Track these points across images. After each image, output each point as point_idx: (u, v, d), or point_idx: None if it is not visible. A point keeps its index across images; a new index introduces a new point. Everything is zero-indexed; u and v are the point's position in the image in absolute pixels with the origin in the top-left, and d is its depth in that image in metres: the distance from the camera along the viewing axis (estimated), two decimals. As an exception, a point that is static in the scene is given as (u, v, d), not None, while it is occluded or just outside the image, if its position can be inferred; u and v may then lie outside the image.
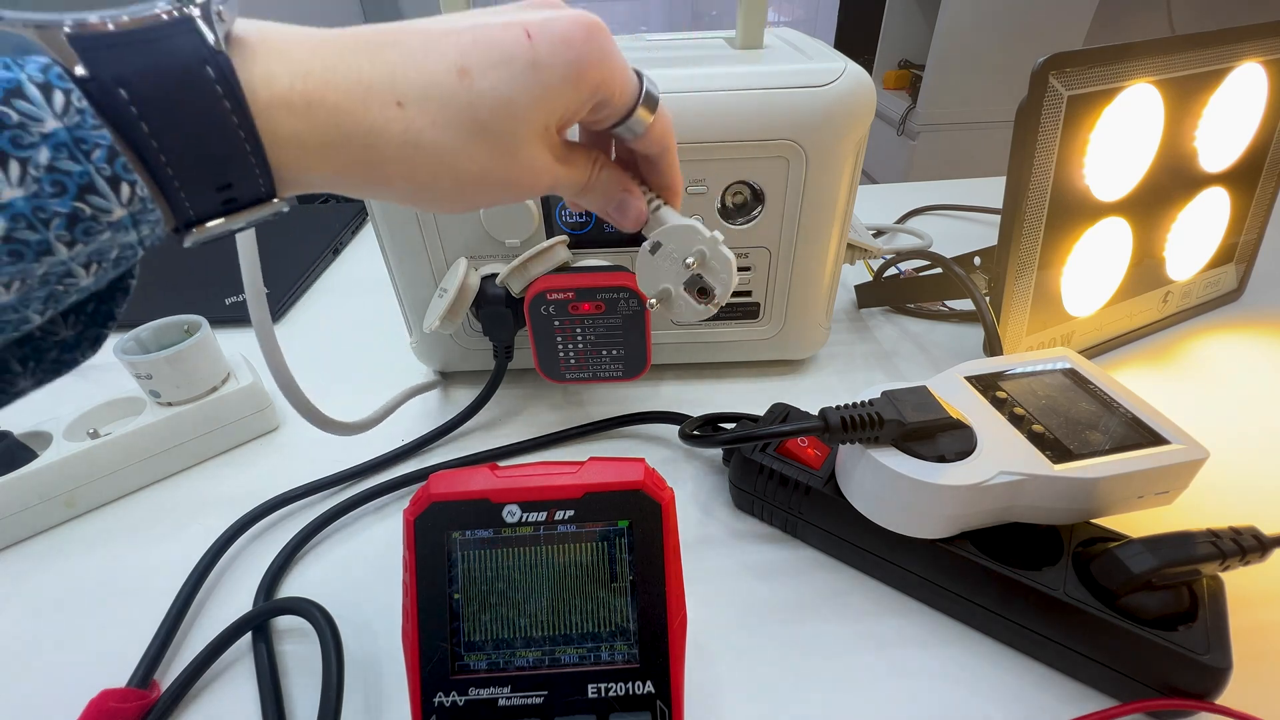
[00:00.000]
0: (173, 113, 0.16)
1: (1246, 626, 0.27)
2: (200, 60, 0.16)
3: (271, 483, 0.40)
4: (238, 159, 0.17)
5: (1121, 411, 0.32)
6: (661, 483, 0.25)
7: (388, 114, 0.19)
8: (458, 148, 0.21)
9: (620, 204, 0.27)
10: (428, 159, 0.20)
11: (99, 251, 0.16)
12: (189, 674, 0.29)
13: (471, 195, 0.22)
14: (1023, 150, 0.38)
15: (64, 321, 0.19)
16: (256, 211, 0.18)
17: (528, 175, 0.23)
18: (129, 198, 0.15)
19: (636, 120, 0.24)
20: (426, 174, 0.21)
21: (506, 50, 0.20)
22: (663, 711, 0.24)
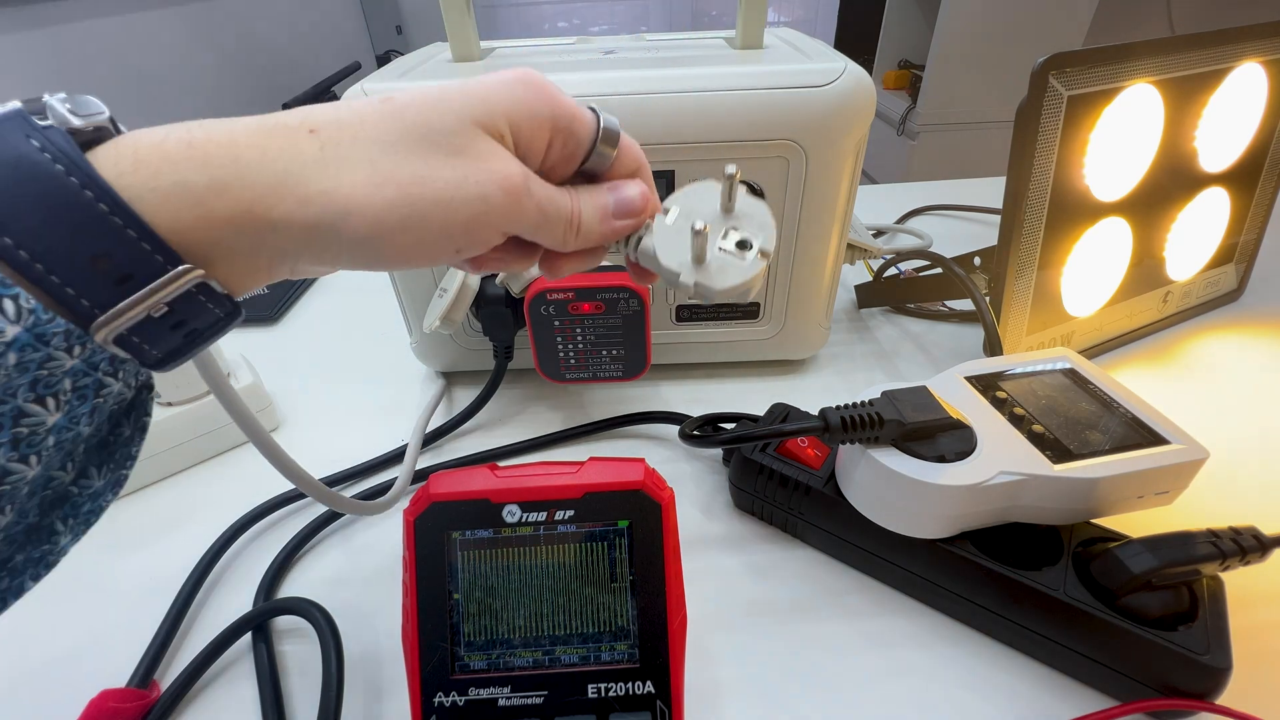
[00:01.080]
0: (6, 197, 0.15)
1: (1246, 626, 0.27)
2: (24, 135, 0.15)
3: (271, 483, 0.40)
4: (100, 226, 0.15)
5: (1121, 411, 0.32)
6: (661, 483, 0.25)
7: (298, 140, 0.18)
8: (391, 155, 0.19)
9: (620, 198, 0.24)
10: (359, 174, 0.18)
11: (42, 382, 0.15)
12: (189, 674, 0.29)
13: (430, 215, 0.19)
14: (1023, 150, 0.38)
15: (97, 472, 0.19)
16: (167, 287, 0.16)
17: (485, 175, 0.20)
18: (16, 313, 0.15)
19: (601, 154, 0.23)
20: (364, 192, 0.18)
21: (439, 83, 0.20)
22: (663, 711, 0.24)
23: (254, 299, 0.60)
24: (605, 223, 0.23)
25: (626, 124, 0.38)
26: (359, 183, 0.18)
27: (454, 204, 0.20)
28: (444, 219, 0.20)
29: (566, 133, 0.22)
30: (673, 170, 0.39)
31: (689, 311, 0.45)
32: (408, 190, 0.19)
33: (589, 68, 0.39)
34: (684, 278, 0.23)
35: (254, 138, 0.18)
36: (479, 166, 0.20)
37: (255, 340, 0.56)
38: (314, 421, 0.47)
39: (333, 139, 0.19)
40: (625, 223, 0.24)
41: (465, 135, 0.20)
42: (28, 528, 0.18)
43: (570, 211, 0.23)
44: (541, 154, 0.22)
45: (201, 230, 0.17)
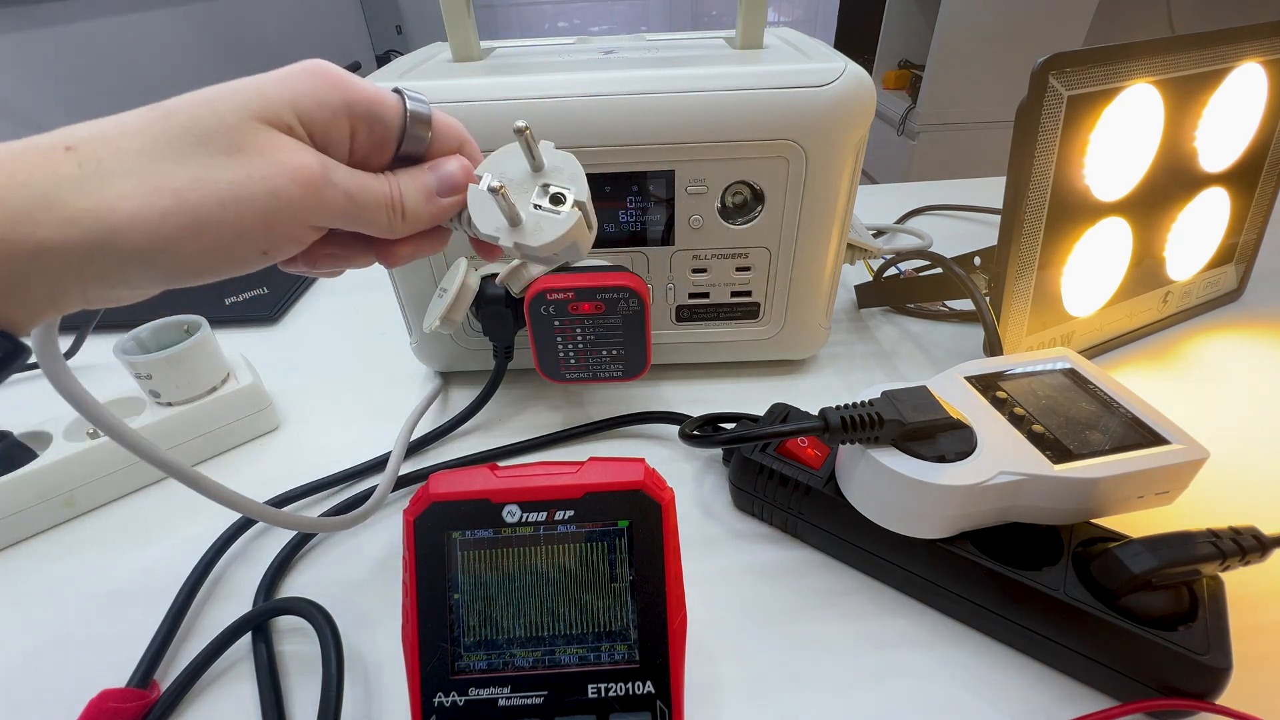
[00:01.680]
0: None
1: (1246, 626, 0.27)
2: None
3: (271, 483, 0.40)
4: None
5: (1121, 411, 0.32)
6: (661, 483, 0.25)
7: (54, 158, 0.17)
8: (162, 161, 0.18)
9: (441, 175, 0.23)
10: (127, 185, 0.17)
11: None
12: (189, 674, 0.29)
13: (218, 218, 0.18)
14: (1023, 150, 0.38)
15: None
16: None
17: (272, 169, 0.19)
18: None
19: (414, 137, 0.22)
20: (134, 204, 0.17)
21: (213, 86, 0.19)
22: (663, 711, 0.24)
23: (254, 299, 0.61)
24: (431, 202, 0.23)
25: (626, 124, 0.38)
26: (126, 195, 0.17)
27: (241, 203, 0.18)
28: (234, 221, 0.19)
29: (369, 118, 0.21)
30: (673, 170, 0.39)
31: (689, 311, 0.45)
32: (184, 196, 0.18)
33: (589, 68, 0.39)
34: (503, 240, 0.23)
35: (4, 162, 0.17)
36: (263, 161, 0.19)
37: (255, 340, 0.56)
38: (314, 421, 0.47)
39: (92, 154, 0.17)
40: (450, 200, 0.24)
41: (243, 131, 0.19)
42: None
43: (388, 196, 0.22)
44: (346, 142, 0.21)
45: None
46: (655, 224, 0.41)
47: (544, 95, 0.37)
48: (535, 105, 0.37)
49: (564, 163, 0.24)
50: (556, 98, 0.36)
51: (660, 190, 0.40)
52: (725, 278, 0.43)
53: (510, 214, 0.23)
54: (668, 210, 0.40)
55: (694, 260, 0.43)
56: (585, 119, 0.37)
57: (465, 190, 0.24)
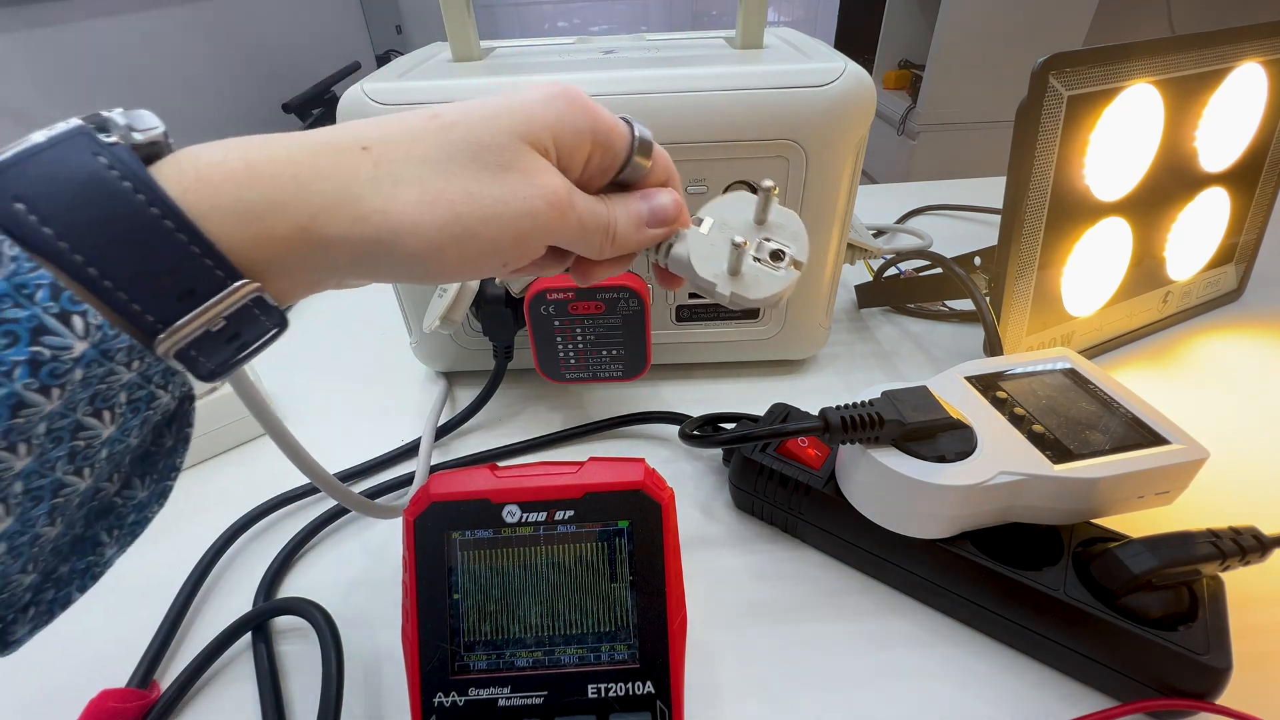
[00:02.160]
0: (75, 210, 0.15)
1: (1246, 626, 0.27)
2: (92, 153, 0.16)
3: (271, 483, 0.40)
4: (166, 242, 0.16)
5: (1121, 411, 0.32)
6: (661, 483, 0.25)
7: (352, 158, 0.18)
8: (441, 173, 0.19)
9: (654, 206, 0.24)
10: (411, 192, 0.19)
11: (100, 397, 0.16)
12: (189, 674, 0.29)
13: (480, 232, 0.20)
14: (1023, 150, 0.38)
15: (140, 483, 0.20)
16: (226, 301, 0.17)
17: (533, 190, 0.20)
18: (84, 329, 0.15)
19: (635, 166, 0.23)
20: (416, 211, 0.19)
21: (482, 99, 0.21)
22: (663, 711, 0.24)
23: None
24: (639, 231, 0.24)
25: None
26: (411, 201, 0.19)
27: (503, 220, 0.20)
28: (494, 235, 0.20)
29: (605, 146, 0.22)
30: (673, 170, 0.38)
31: (689, 311, 0.45)
32: (458, 208, 0.19)
33: (589, 68, 0.39)
34: (720, 288, 0.24)
35: (308, 156, 0.18)
36: (526, 182, 0.20)
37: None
38: (314, 421, 0.47)
39: (385, 156, 0.19)
40: (658, 231, 0.25)
41: (512, 151, 0.20)
42: (73, 539, 0.19)
43: (607, 221, 0.23)
44: (581, 167, 0.22)
45: (259, 247, 0.17)
46: (655, 224, 0.41)
47: (544, 95, 0.36)
48: (535, 105, 0.37)
49: (787, 220, 0.25)
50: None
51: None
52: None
53: (735, 264, 0.24)
54: (668, 210, 0.40)
55: (694, 260, 0.43)
56: (585, 119, 0.37)
57: (673, 223, 0.25)
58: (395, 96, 0.37)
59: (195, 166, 0.17)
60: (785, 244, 0.24)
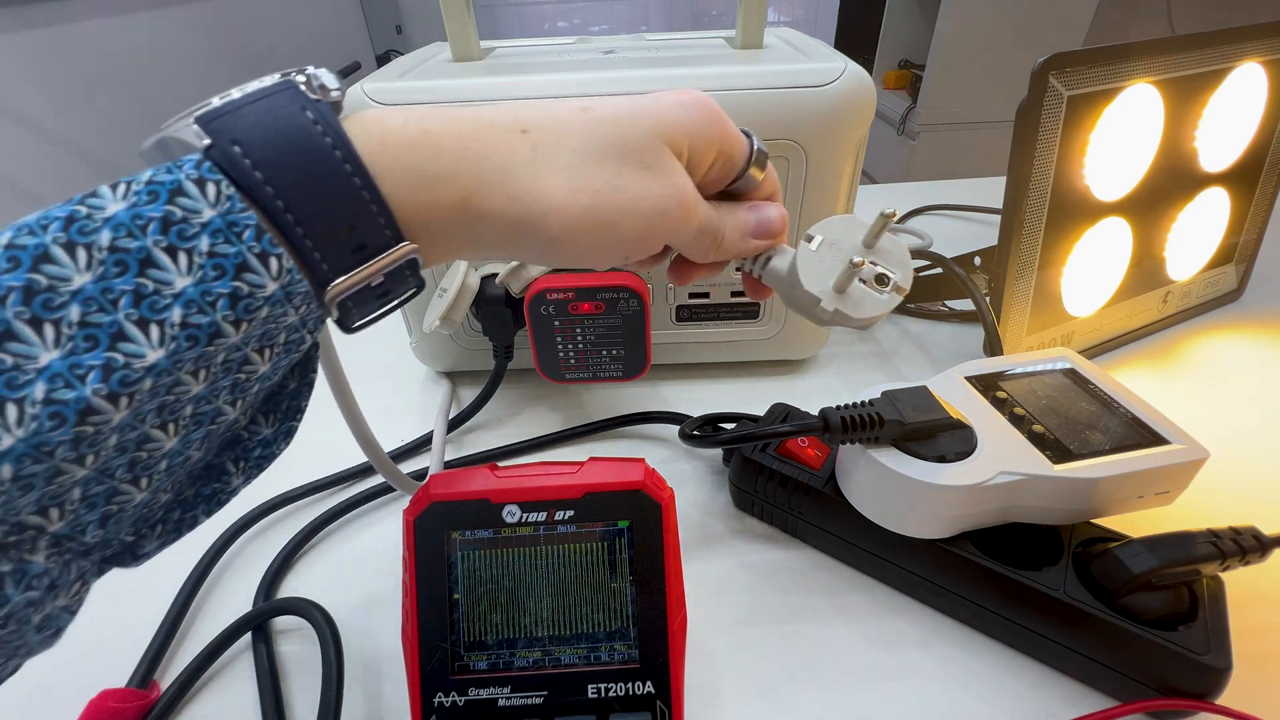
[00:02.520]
0: (282, 158, 0.16)
1: (1246, 626, 0.27)
2: (300, 107, 0.17)
3: (271, 483, 0.40)
4: (353, 198, 0.17)
5: (1121, 411, 0.32)
6: (661, 483, 0.25)
7: (512, 139, 0.20)
8: (591, 164, 0.20)
9: (761, 218, 0.25)
10: (561, 178, 0.20)
11: (267, 335, 0.17)
12: (189, 674, 0.29)
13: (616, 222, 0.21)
14: (1023, 150, 0.38)
15: (265, 420, 0.21)
16: (389, 258, 0.18)
17: (668, 189, 0.21)
18: (277, 270, 0.16)
19: (749, 178, 0.24)
20: (564, 196, 0.20)
21: (624, 96, 0.22)
22: (663, 711, 0.24)
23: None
24: (744, 240, 0.25)
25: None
26: (561, 186, 0.20)
27: (638, 214, 0.21)
28: (627, 227, 0.21)
29: (727, 155, 0.23)
30: (673, 170, 0.38)
31: (689, 311, 0.45)
32: (602, 199, 0.20)
33: (589, 68, 0.39)
34: (825, 304, 0.25)
35: (476, 132, 0.19)
36: (663, 182, 0.21)
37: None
38: (313, 421, 0.46)
39: (541, 142, 0.20)
40: (762, 243, 0.26)
41: (654, 152, 0.21)
42: (206, 465, 0.20)
43: (718, 228, 0.24)
44: (704, 173, 0.23)
45: (424, 213, 0.19)
46: (655, 224, 0.41)
47: (544, 95, 0.36)
48: (535, 105, 0.37)
49: (894, 247, 0.26)
50: (556, 98, 0.36)
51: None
52: (725, 277, 0.43)
53: (842, 283, 0.25)
54: (668, 210, 0.40)
55: (694, 260, 0.43)
56: (585, 119, 0.37)
57: (776, 237, 0.26)
58: (396, 96, 0.37)
59: (380, 130, 0.18)
60: (891, 270, 0.25)
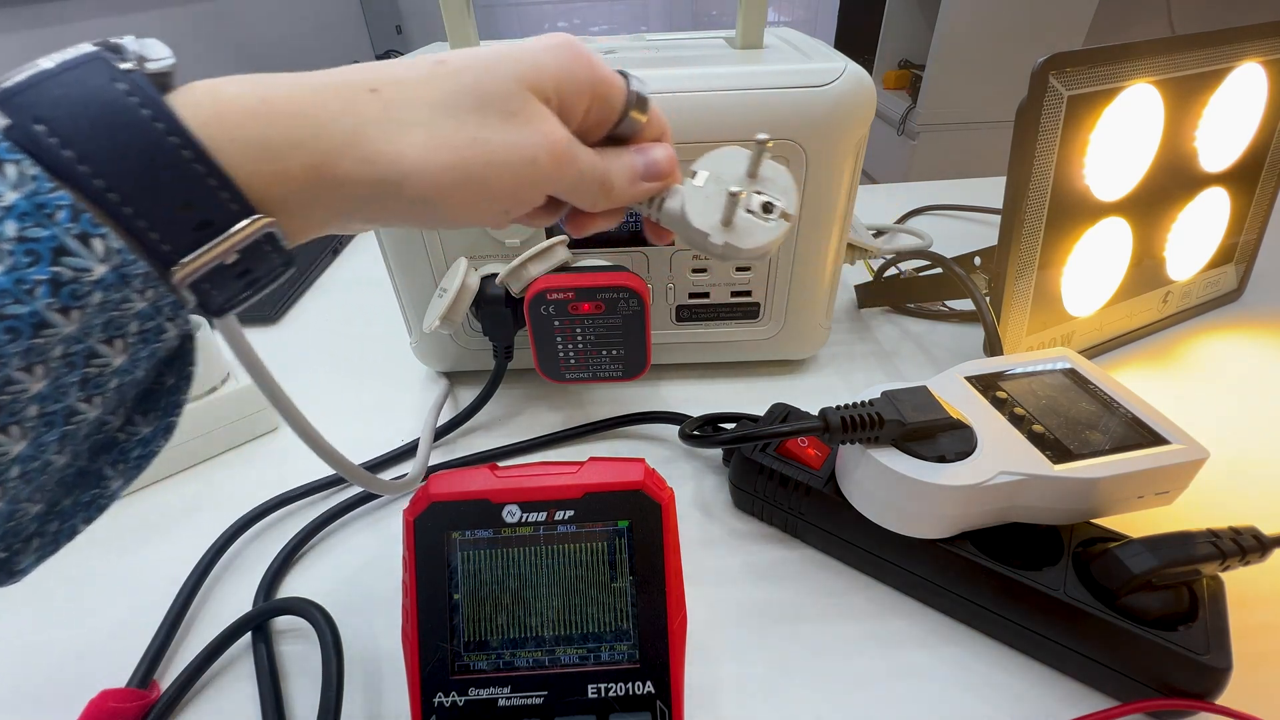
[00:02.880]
0: (97, 134, 0.15)
1: (1246, 626, 0.27)
2: (109, 79, 0.16)
3: (271, 483, 0.40)
4: (184, 172, 0.16)
5: (1121, 411, 0.32)
6: (661, 483, 0.25)
7: (360, 99, 0.19)
8: (448, 117, 0.19)
9: (648, 160, 0.24)
10: (418, 135, 0.19)
11: (112, 324, 0.16)
12: (189, 674, 0.29)
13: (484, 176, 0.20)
14: (1023, 150, 0.38)
15: (143, 419, 0.20)
16: (239, 234, 0.17)
17: (536, 137, 0.20)
18: (104, 252, 0.15)
19: (631, 120, 0.24)
20: (422, 154, 0.19)
21: (485, 45, 0.21)
22: (663, 711, 0.24)
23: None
24: (634, 184, 0.24)
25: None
26: (418, 144, 0.19)
27: (506, 166, 0.20)
28: (496, 180, 0.20)
29: (603, 98, 0.22)
30: (673, 170, 0.38)
31: (689, 311, 0.45)
32: (463, 153, 0.20)
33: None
34: (713, 238, 0.24)
35: (321, 95, 0.18)
36: (530, 129, 0.20)
37: (255, 340, 0.56)
38: (314, 422, 0.46)
39: (394, 99, 0.19)
40: (652, 185, 0.25)
41: (518, 99, 0.20)
42: (79, 471, 0.19)
43: (603, 174, 0.23)
44: (579, 118, 0.22)
45: (274, 184, 0.18)
46: (655, 224, 0.41)
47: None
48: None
49: (777, 174, 0.25)
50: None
51: (660, 190, 0.39)
52: (725, 278, 0.43)
53: (728, 215, 0.24)
54: (668, 210, 0.40)
55: (694, 260, 0.43)
56: (585, 119, 0.37)
57: (665, 178, 0.25)
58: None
59: (213, 99, 0.17)
60: (775, 197, 0.25)
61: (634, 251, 0.42)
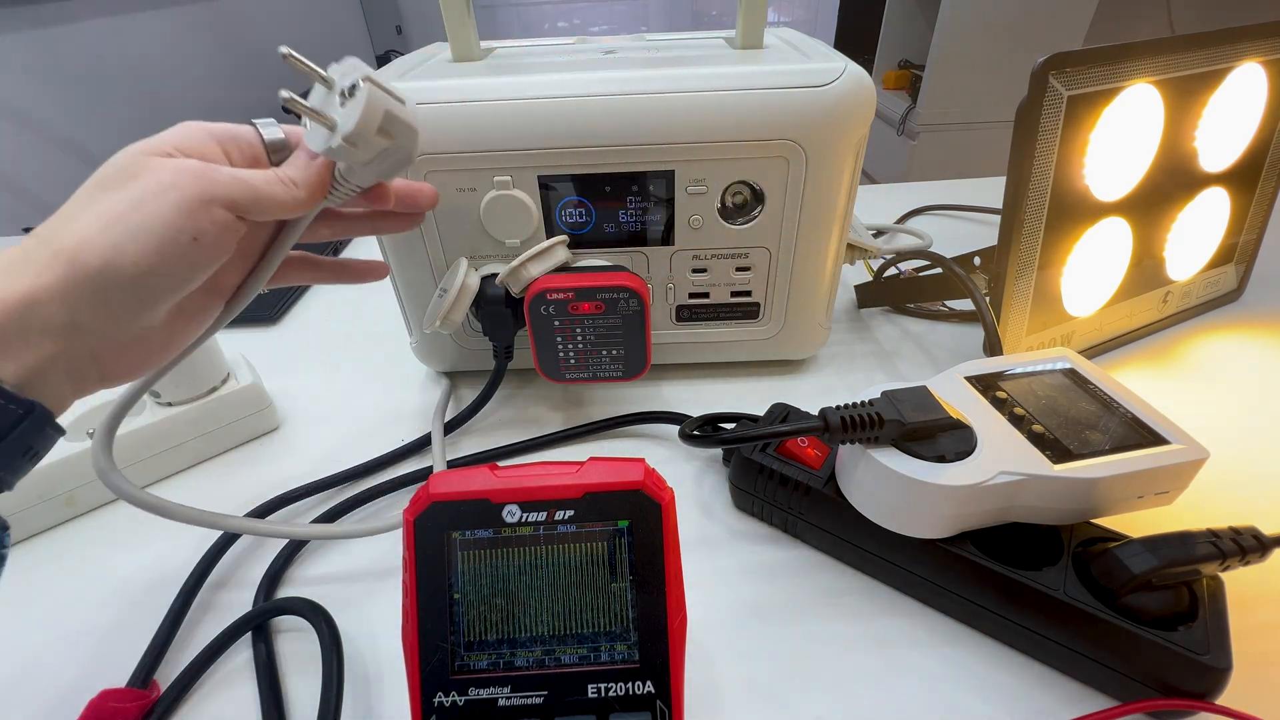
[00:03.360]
0: None
1: (1246, 626, 0.27)
2: None
3: (271, 483, 0.40)
4: None
5: (1121, 411, 0.32)
6: (661, 483, 0.25)
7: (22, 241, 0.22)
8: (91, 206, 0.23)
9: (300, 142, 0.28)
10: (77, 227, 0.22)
11: None
12: (189, 674, 0.29)
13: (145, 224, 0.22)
14: (1023, 150, 0.38)
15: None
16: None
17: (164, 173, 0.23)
18: None
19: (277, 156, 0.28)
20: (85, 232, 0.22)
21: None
22: (663, 711, 0.24)
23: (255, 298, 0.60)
24: (309, 166, 0.27)
25: (626, 124, 0.39)
26: (72, 233, 0.22)
27: (154, 201, 0.23)
28: (155, 214, 0.23)
29: (234, 141, 0.27)
30: (673, 170, 0.39)
31: (689, 311, 0.45)
32: (110, 212, 0.22)
33: (589, 68, 0.39)
34: (332, 143, 0.26)
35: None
36: (156, 173, 0.23)
37: (255, 340, 0.56)
38: (314, 422, 0.47)
39: (46, 227, 0.23)
40: (320, 160, 0.27)
41: (136, 163, 0.24)
42: None
43: (275, 175, 0.26)
44: (223, 160, 0.26)
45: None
46: (655, 224, 0.41)
47: (544, 95, 0.37)
48: (535, 105, 0.37)
49: (344, 65, 0.27)
50: (556, 98, 0.37)
51: (660, 190, 0.40)
52: (725, 278, 0.43)
53: (324, 120, 0.26)
54: (668, 210, 0.40)
55: (694, 260, 0.43)
56: (585, 119, 0.37)
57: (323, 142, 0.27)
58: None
59: None
60: (349, 77, 0.26)
61: (634, 251, 0.42)
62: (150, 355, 0.27)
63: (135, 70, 1.65)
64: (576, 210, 0.40)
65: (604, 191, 0.39)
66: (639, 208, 0.40)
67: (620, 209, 0.40)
